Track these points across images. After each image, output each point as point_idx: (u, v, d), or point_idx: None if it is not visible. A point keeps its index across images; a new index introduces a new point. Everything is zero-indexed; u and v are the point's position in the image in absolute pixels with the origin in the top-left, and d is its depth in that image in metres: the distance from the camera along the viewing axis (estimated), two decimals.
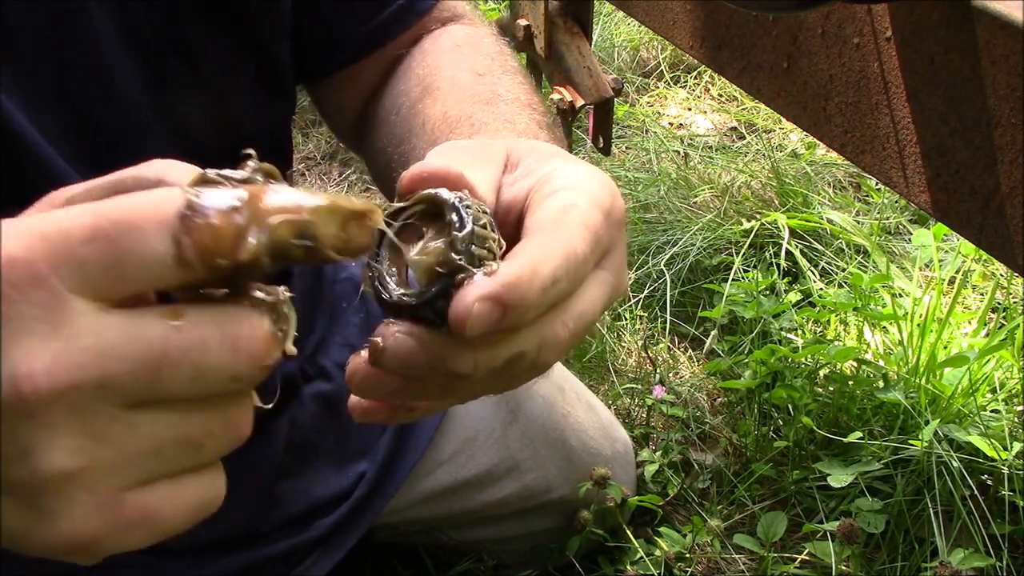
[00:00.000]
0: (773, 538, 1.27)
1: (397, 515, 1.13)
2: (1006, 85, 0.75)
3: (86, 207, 0.36)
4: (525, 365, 0.47)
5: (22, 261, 0.35)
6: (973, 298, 1.66)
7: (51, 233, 0.35)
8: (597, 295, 0.49)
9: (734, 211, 1.85)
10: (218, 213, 0.36)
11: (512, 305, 0.44)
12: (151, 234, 0.36)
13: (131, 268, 0.36)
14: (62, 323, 0.35)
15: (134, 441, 0.37)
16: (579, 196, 0.49)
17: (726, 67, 1.06)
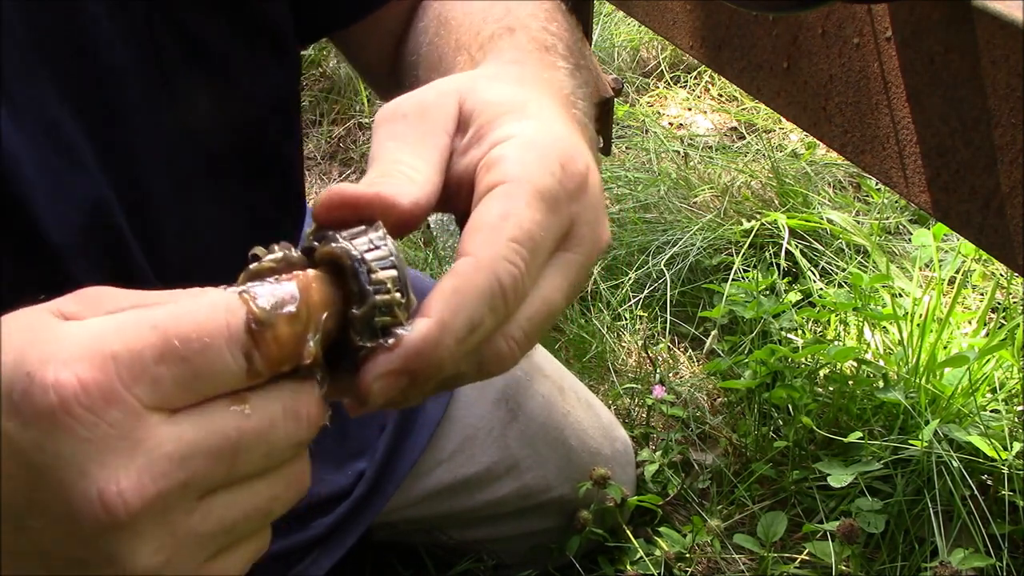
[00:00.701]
0: (773, 538, 1.27)
1: (397, 514, 1.13)
2: (1006, 85, 0.75)
3: (146, 318, 0.38)
4: (471, 378, 0.47)
5: (96, 384, 0.36)
6: (973, 298, 1.66)
7: (121, 353, 0.37)
8: (556, 285, 0.48)
9: (734, 211, 1.85)
10: (282, 323, 0.40)
11: (420, 371, 0.43)
12: (223, 352, 0.38)
13: (203, 383, 0.38)
14: (142, 438, 0.37)
15: (210, 525, 0.40)
16: (515, 198, 0.46)
17: (726, 67, 1.06)
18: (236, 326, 0.38)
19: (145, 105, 0.72)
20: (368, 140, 2.09)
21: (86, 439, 0.36)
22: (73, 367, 0.36)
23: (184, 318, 0.38)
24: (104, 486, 0.36)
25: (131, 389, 0.37)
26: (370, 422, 1.08)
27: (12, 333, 0.38)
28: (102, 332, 0.38)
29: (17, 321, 0.39)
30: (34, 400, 0.36)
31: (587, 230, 0.49)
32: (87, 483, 0.36)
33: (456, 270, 0.44)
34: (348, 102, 2.39)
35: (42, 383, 0.36)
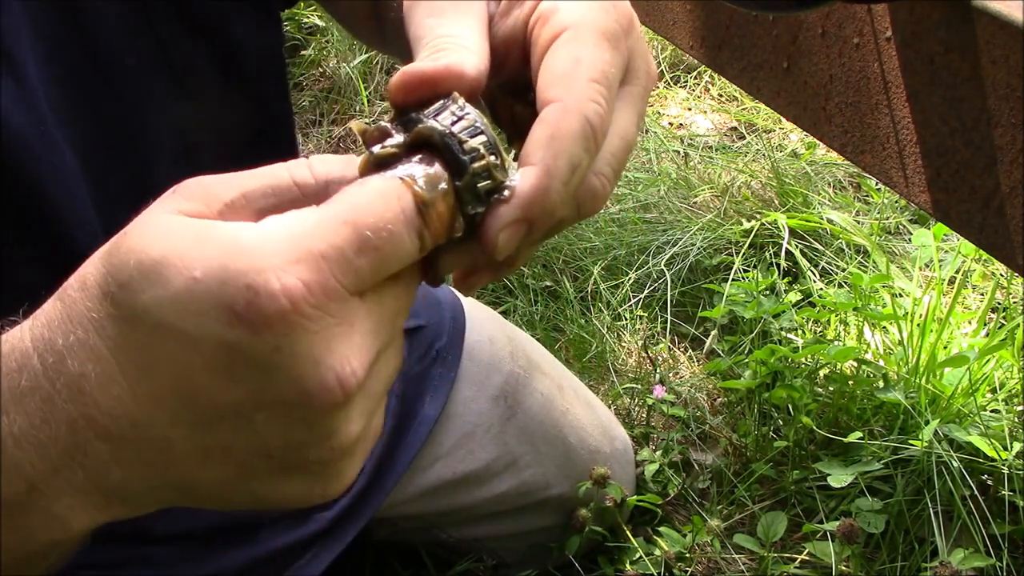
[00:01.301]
0: (773, 538, 1.27)
1: (396, 510, 1.13)
2: (1006, 85, 0.75)
3: (336, 215, 0.41)
4: (571, 220, 0.49)
5: (319, 284, 0.40)
6: (973, 298, 1.66)
7: (328, 252, 0.40)
8: (629, 118, 0.50)
9: (734, 211, 1.85)
10: (439, 201, 0.43)
11: (537, 218, 0.45)
12: (403, 236, 0.42)
13: (391, 265, 0.42)
14: (354, 321, 0.41)
15: (381, 383, 0.44)
16: (582, 41, 0.49)
17: (726, 67, 1.06)
18: (410, 211, 0.42)
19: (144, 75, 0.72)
20: None
21: (316, 332, 0.40)
22: (294, 272, 0.39)
23: (366, 210, 0.41)
24: (340, 369, 0.40)
25: (342, 282, 0.40)
26: None
27: (180, 247, 0.40)
28: (302, 233, 0.40)
29: (163, 231, 0.41)
30: (263, 309, 0.39)
31: (641, 62, 0.52)
32: (323, 370, 0.40)
33: (546, 118, 0.46)
34: (348, 102, 2.39)
35: (269, 291, 0.39)
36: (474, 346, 1.16)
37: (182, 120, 0.76)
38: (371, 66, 2.44)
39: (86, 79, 0.71)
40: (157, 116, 0.75)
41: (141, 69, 0.73)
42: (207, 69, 0.77)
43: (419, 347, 1.12)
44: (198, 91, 0.77)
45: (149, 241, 0.40)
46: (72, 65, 0.70)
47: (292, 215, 0.41)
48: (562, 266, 1.80)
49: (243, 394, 0.40)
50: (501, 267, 0.49)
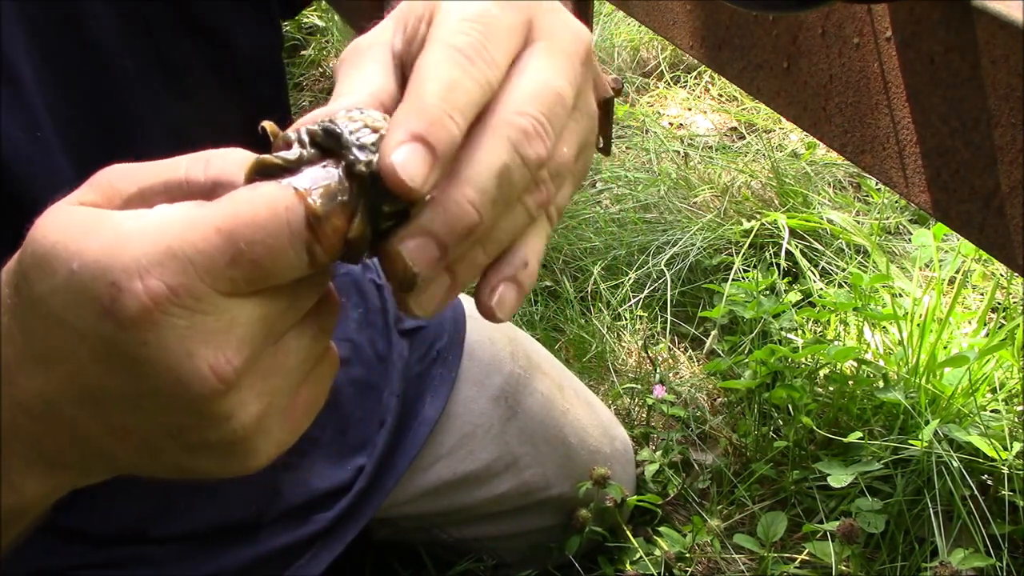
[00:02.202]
0: (773, 538, 1.27)
1: (396, 510, 1.13)
2: (1006, 85, 0.75)
3: (208, 220, 0.40)
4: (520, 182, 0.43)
5: (183, 287, 0.40)
6: (973, 298, 1.66)
7: (196, 259, 0.40)
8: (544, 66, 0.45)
9: (734, 211, 1.85)
10: (336, 214, 0.41)
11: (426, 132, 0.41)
12: (287, 252, 0.41)
13: (273, 278, 0.41)
14: (234, 317, 0.41)
15: (291, 359, 0.44)
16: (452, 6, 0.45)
17: (726, 67, 1.06)
18: (297, 225, 0.41)
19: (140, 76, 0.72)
20: None
21: (187, 326, 0.40)
22: (156, 273, 0.40)
23: (245, 221, 0.40)
24: (213, 361, 0.41)
25: (213, 286, 0.40)
26: (370, 418, 1.08)
27: (67, 236, 0.41)
28: (167, 234, 0.40)
29: (61, 220, 0.42)
30: (127, 307, 0.40)
31: (557, 24, 0.47)
32: (196, 361, 0.41)
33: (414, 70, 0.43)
34: None
35: (132, 291, 0.40)
36: (474, 346, 1.16)
37: (179, 121, 0.76)
38: None
39: (84, 81, 0.71)
40: (154, 118, 0.75)
41: (139, 71, 0.73)
42: (204, 70, 0.77)
43: (419, 347, 1.12)
44: (195, 92, 0.77)
45: (45, 231, 0.42)
46: (69, 67, 0.70)
47: (174, 210, 0.41)
48: (562, 266, 1.80)
49: (125, 383, 0.42)
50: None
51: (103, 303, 0.40)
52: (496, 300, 0.46)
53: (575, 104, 0.46)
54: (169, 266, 0.40)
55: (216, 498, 0.95)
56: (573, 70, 0.46)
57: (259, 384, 0.43)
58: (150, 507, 0.92)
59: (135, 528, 0.92)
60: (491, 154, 0.42)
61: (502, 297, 0.46)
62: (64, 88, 0.70)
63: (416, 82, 0.42)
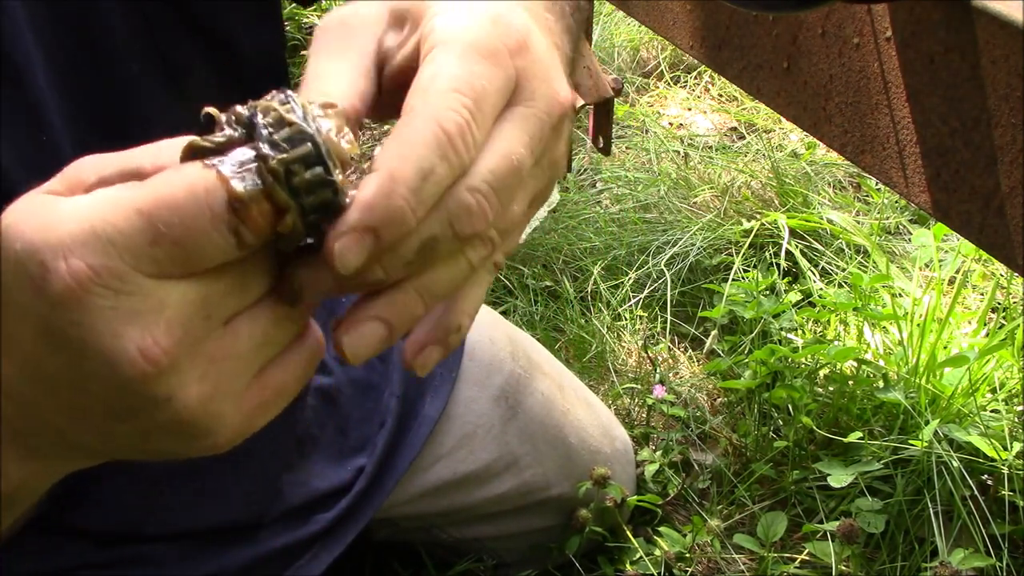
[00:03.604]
0: (773, 538, 1.27)
1: (397, 510, 1.13)
2: (1006, 85, 0.75)
3: (130, 201, 0.41)
4: (448, 241, 0.45)
5: (105, 267, 0.40)
6: (973, 298, 1.66)
7: (116, 238, 0.40)
8: (514, 137, 0.46)
9: (734, 211, 1.85)
10: (264, 199, 0.41)
11: (382, 225, 0.42)
12: (210, 234, 0.41)
13: (200, 259, 0.41)
14: (163, 297, 0.41)
15: (242, 343, 0.44)
16: (446, 55, 0.46)
17: (726, 67, 1.06)
18: (218, 208, 0.41)
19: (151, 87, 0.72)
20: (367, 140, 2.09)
21: (112, 307, 0.40)
22: (78, 253, 0.40)
23: (164, 202, 0.40)
24: (141, 342, 0.41)
25: (136, 267, 0.40)
26: (370, 418, 1.08)
27: (18, 219, 0.42)
28: (92, 216, 0.41)
29: (20, 205, 0.43)
30: (53, 286, 0.40)
31: (540, 85, 0.48)
32: (124, 342, 0.41)
33: (397, 127, 0.44)
34: None
35: (56, 271, 0.40)
36: (475, 346, 1.16)
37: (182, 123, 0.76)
38: None
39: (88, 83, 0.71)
40: (158, 119, 0.75)
41: (142, 72, 0.73)
42: (206, 71, 0.77)
43: None
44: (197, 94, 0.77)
45: (6, 218, 0.42)
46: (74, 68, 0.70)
47: (106, 192, 0.42)
48: (562, 266, 1.80)
49: (65, 363, 0.42)
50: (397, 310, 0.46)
51: (36, 282, 0.41)
52: (420, 360, 0.48)
53: (536, 162, 0.47)
54: (91, 246, 0.40)
55: (216, 498, 0.95)
56: (540, 137, 0.47)
57: (202, 366, 0.43)
58: (150, 506, 0.92)
59: (135, 528, 0.92)
60: (424, 225, 0.44)
61: (426, 359, 0.48)
62: (68, 89, 0.70)
63: (394, 159, 0.43)
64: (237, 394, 0.45)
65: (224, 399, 0.44)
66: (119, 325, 0.41)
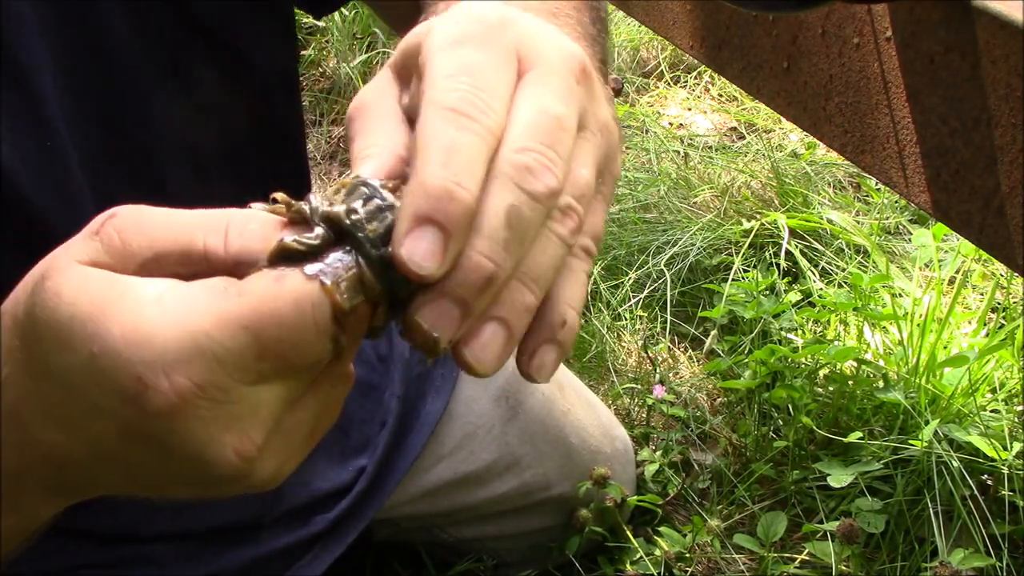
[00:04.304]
0: (773, 538, 1.27)
1: (397, 510, 1.13)
2: (1006, 85, 0.75)
3: (234, 317, 0.40)
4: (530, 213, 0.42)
5: (211, 383, 0.40)
6: (973, 298, 1.66)
7: (224, 357, 0.40)
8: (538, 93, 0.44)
9: (734, 211, 1.85)
10: (362, 304, 0.41)
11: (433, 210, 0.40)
12: (314, 345, 0.41)
13: (299, 367, 0.42)
14: (256, 403, 0.42)
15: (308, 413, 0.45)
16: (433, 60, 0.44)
17: (726, 67, 1.06)
18: (324, 322, 0.41)
19: (156, 90, 0.72)
20: None
21: (213, 417, 0.41)
22: (183, 372, 0.40)
23: (272, 319, 0.40)
24: (239, 445, 0.42)
25: (240, 380, 0.41)
26: (371, 419, 1.08)
27: (87, 312, 0.40)
28: (192, 328, 0.40)
29: (76, 287, 0.41)
30: (154, 402, 0.40)
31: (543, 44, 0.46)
32: (220, 447, 0.41)
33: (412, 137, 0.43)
34: (348, 102, 2.38)
35: (157, 388, 0.40)
36: None
37: (193, 133, 0.76)
38: (371, 66, 2.45)
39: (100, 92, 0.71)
40: (169, 129, 0.75)
41: (154, 82, 0.73)
42: (218, 81, 0.77)
43: None
44: (209, 103, 0.77)
45: (59, 298, 0.41)
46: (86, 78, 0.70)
47: (197, 299, 0.41)
48: None
49: (149, 456, 0.42)
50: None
51: (128, 394, 0.40)
52: (535, 365, 0.45)
53: (581, 123, 0.45)
54: (196, 364, 0.40)
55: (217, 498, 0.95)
56: (568, 89, 0.45)
57: (279, 444, 0.44)
58: (151, 507, 0.92)
59: (135, 528, 0.92)
60: (496, 198, 0.41)
61: (541, 361, 0.45)
62: (73, 93, 0.70)
63: (416, 154, 0.41)
64: (301, 454, 0.46)
65: (290, 461, 0.45)
66: (218, 432, 0.41)
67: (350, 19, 2.51)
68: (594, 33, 0.60)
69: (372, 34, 2.49)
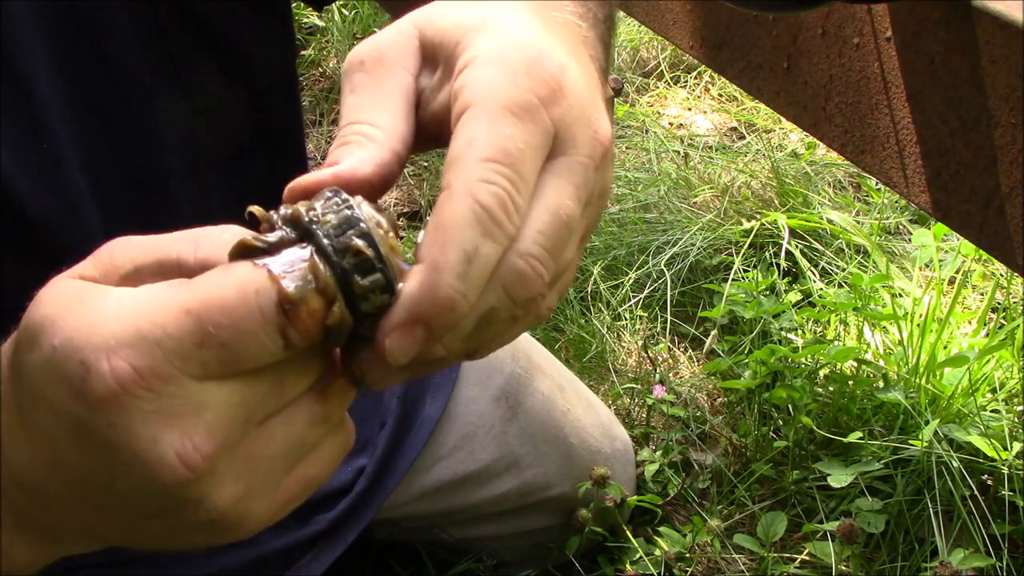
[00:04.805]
0: (773, 538, 1.27)
1: (397, 510, 1.13)
2: (1006, 85, 0.75)
3: (178, 301, 0.40)
4: (507, 309, 0.44)
5: (150, 369, 0.39)
6: (973, 298, 1.66)
7: (163, 340, 0.39)
8: (561, 190, 0.45)
9: (734, 211, 1.85)
10: (312, 297, 0.40)
11: (432, 317, 0.42)
12: (258, 336, 0.40)
13: (246, 362, 0.40)
14: (203, 400, 0.40)
15: (277, 445, 0.43)
16: (478, 120, 0.44)
17: (726, 67, 1.06)
18: (269, 310, 0.40)
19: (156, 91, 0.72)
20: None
21: (152, 411, 0.39)
22: (123, 355, 0.39)
23: (215, 303, 0.40)
24: (180, 447, 0.40)
25: (182, 369, 0.40)
26: (371, 419, 1.08)
27: (55, 311, 0.41)
28: (138, 315, 0.40)
29: (55, 294, 0.42)
30: (95, 387, 0.39)
31: (581, 130, 0.46)
32: (162, 447, 0.40)
33: (436, 208, 0.43)
34: None
35: (99, 371, 0.39)
36: None
37: (194, 135, 0.76)
38: None
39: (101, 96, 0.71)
40: (170, 131, 0.75)
41: (155, 84, 0.73)
42: (219, 84, 0.77)
43: None
44: (209, 106, 0.77)
45: (40, 303, 0.41)
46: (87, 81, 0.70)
47: (151, 290, 0.41)
48: None
49: (97, 464, 0.41)
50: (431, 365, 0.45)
51: (74, 382, 0.39)
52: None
53: (585, 206, 0.46)
54: (137, 347, 0.39)
55: None
56: (586, 183, 0.46)
57: (238, 468, 0.42)
58: None
59: None
60: (482, 302, 0.43)
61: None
62: (79, 101, 0.70)
63: (434, 243, 0.42)
64: (269, 492, 0.44)
65: (255, 498, 0.43)
66: (159, 429, 0.40)
67: (350, 19, 2.51)
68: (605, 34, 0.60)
69: (372, 34, 2.49)
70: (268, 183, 0.82)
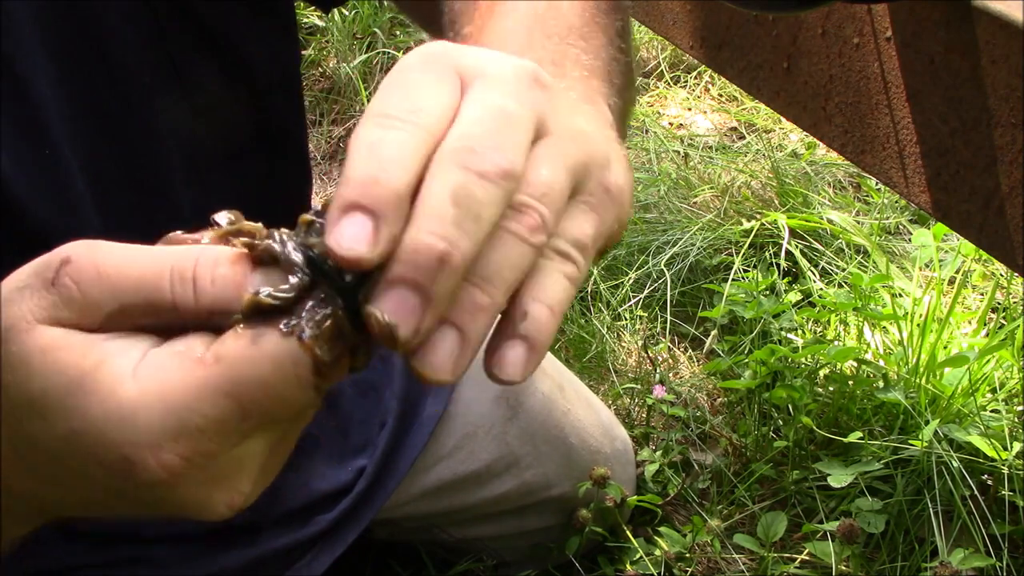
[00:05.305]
0: (773, 538, 1.27)
1: (398, 511, 1.13)
2: (1006, 85, 0.75)
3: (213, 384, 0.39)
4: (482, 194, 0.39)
5: (198, 453, 0.39)
6: (973, 298, 1.66)
7: (207, 427, 0.39)
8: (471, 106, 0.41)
9: (734, 211, 1.85)
10: (343, 351, 0.40)
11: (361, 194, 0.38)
12: (300, 398, 0.40)
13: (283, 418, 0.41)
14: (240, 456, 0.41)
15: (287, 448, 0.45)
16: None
17: (726, 67, 1.06)
18: (305, 376, 0.40)
19: (156, 91, 0.72)
20: None
21: (202, 481, 0.41)
22: (170, 448, 0.39)
23: (253, 383, 0.39)
24: (230, 501, 0.42)
25: (226, 444, 0.40)
26: (371, 419, 1.08)
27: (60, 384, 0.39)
28: (172, 402, 0.39)
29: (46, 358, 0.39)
30: (142, 477, 0.39)
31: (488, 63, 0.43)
32: (214, 505, 0.42)
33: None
34: (348, 102, 2.39)
35: (145, 467, 0.39)
36: None
37: (195, 135, 0.76)
38: (371, 66, 2.44)
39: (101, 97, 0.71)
40: (170, 132, 0.75)
41: (155, 85, 0.73)
42: (219, 84, 0.77)
43: None
44: (210, 106, 0.77)
45: (32, 371, 0.40)
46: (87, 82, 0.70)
47: (173, 368, 0.39)
48: None
49: (137, 507, 0.43)
50: None
51: (115, 469, 0.40)
52: (494, 361, 0.43)
53: (542, 128, 0.42)
54: (182, 440, 0.39)
55: None
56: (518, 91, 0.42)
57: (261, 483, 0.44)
58: None
59: (135, 528, 0.92)
60: (439, 180, 0.39)
61: (502, 357, 0.42)
62: (78, 102, 0.70)
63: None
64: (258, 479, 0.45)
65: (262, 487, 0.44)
66: (208, 493, 0.41)
67: (350, 19, 2.51)
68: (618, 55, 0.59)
69: (372, 34, 2.49)
70: (268, 183, 0.83)
